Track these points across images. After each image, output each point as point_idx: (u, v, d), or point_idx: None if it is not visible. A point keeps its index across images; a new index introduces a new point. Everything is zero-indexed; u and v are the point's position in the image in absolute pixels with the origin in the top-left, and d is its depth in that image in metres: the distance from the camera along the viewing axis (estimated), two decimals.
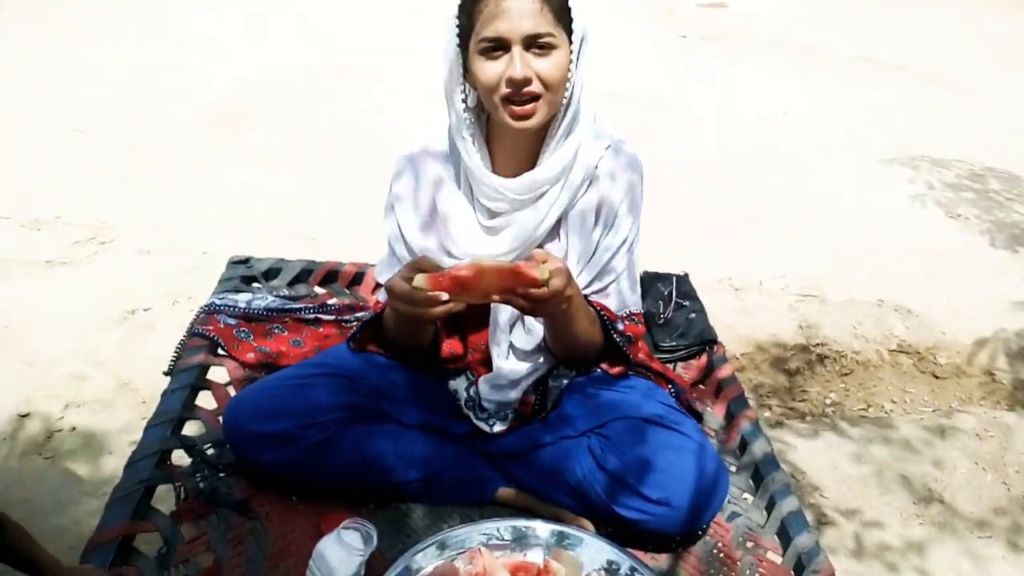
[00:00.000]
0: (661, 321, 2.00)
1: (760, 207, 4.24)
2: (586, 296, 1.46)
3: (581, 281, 1.45)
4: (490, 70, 1.25)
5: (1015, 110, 6.39)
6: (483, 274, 1.23)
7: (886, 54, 7.93)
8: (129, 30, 6.59)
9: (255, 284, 2.11)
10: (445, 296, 1.21)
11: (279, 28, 6.92)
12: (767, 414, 2.78)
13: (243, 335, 1.79)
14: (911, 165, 5.02)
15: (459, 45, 1.28)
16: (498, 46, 1.23)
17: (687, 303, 2.05)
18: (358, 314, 1.88)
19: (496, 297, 1.24)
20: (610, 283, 1.49)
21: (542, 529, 1.36)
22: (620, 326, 1.50)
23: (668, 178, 4.42)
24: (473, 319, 1.51)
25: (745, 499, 1.60)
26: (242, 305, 1.86)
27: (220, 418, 1.53)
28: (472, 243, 1.42)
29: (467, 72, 1.31)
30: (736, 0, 10.05)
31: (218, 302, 1.88)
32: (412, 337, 1.46)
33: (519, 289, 1.21)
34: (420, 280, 1.21)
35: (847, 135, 5.52)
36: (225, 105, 5.05)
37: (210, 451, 1.57)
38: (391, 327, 1.47)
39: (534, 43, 1.23)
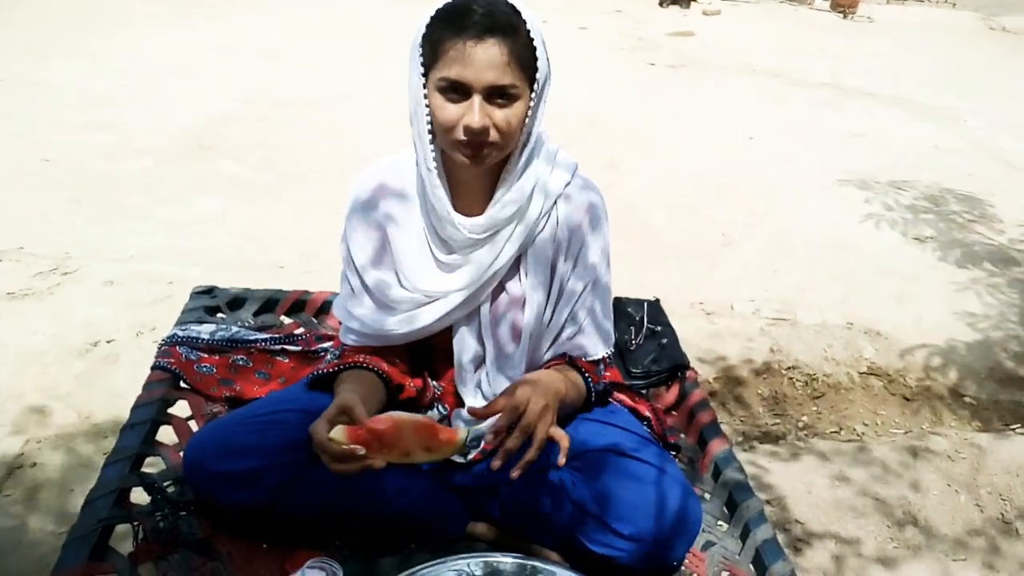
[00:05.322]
0: (632, 347, 1.98)
1: (730, 232, 4.27)
2: (561, 361, 1.47)
3: (555, 322, 1.45)
4: (447, 111, 1.22)
5: (979, 135, 6.53)
6: (399, 429, 1.21)
7: (855, 80, 8.09)
8: (96, 58, 6.54)
9: (220, 315, 2.07)
10: (362, 450, 1.18)
11: (250, 59, 6.92)
12: (740, 439, 2.78)
13: (205, 370, 1.74)
14: (878, 189, 5.11)
15: (423, 74, 1.26)
16: (458, 89, 1.21)
17: (658, 328, 2.03)
18: (325, 344, 1.84)
19: (422, 456, 1.24)
20: (585, 320, 1.47)
21: (512, 564, 1.33)
22: (600, 387, 1.49)
23: (639, 204, 4.45)
24: (440, 356, 1.49)
25: (719, 527, 1.58)
26: (205, 336, 1.81)
27: (182, 454, 1.48)
28: (425, 279, 1.40)
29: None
30: (704, 29, 10.23)
31: (180, 333, 1.82)
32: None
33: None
34: (337, 432, 1.18)
35: (816, 160, 5.60)
36: (195, 135, 5.02)
37: (170, 489, 1.51)
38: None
39: (496, 93, 1.21)
